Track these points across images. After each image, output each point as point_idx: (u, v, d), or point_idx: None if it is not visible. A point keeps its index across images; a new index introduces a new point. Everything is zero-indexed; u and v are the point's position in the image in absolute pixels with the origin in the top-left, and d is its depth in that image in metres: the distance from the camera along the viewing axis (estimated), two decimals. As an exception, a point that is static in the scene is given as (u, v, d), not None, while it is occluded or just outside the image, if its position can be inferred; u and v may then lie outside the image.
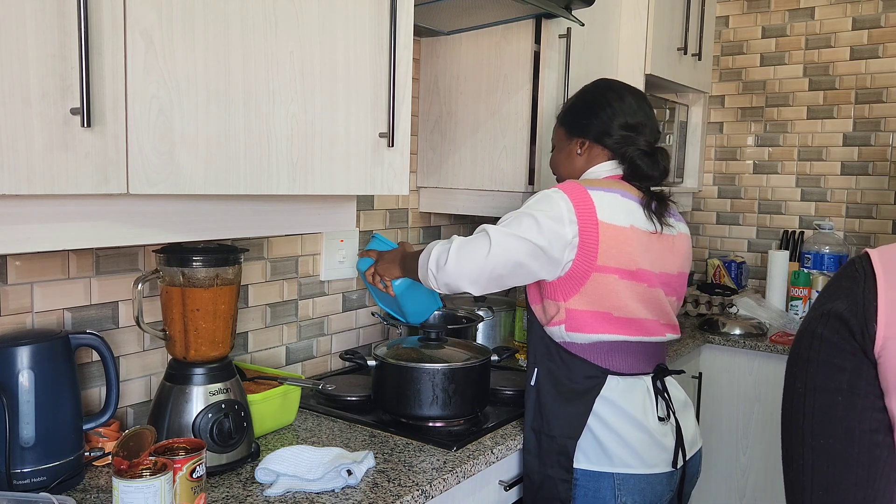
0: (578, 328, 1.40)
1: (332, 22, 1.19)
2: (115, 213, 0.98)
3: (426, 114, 2.11)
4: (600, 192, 1.39)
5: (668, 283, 1.48)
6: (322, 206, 1.32)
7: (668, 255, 1.47)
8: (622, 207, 1.40)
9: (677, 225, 1.52)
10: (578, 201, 1.36)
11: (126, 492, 1.01)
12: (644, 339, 1.45)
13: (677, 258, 1.50)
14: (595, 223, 1.35)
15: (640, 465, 1.41)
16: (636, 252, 1.39)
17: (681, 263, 1.52)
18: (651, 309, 1.45)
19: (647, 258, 1.42)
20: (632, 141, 1.48)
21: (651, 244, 1.43)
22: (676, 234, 1.51)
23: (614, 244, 1.37)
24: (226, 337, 1.31)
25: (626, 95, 1.53)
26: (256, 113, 1.09)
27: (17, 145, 0.83)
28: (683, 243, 1.53)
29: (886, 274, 0.74)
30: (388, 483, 1.25)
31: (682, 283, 1.54)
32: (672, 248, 1.49)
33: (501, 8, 1.75)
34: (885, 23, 2.73)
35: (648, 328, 1.45)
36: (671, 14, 2.38)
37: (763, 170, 2.99)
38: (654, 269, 1.44)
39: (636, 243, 1.40)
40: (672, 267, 1.49)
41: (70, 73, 0.86)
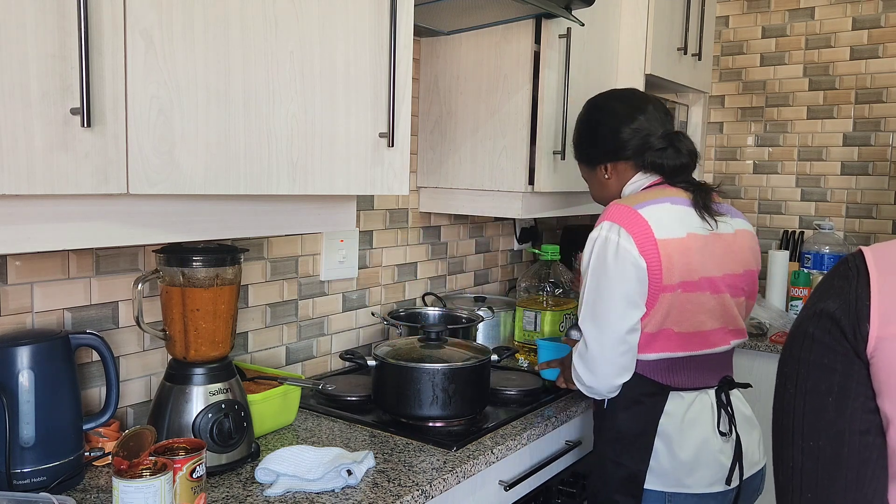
0: (640, 349, 1.39)
1: (332, 22, 1.19)
2: (115, 213, 0.98)
3: (426, 114, 2.11)
4: (650, 206, 1.37)
5: (733, 285, 1.43)
6: (322, 206, 1.32)
7: (728, 254, 1.42)
8: (675, 216, 1.38)
9: (733, 221, 1.47)
10: (633, 228, 1.33)
11: (126, 492, 1.01)
12: (706, 352, 1.42)
13: (740, 255, 1.45)
14: (654, 245, 1.33)
15: (694, 484, 1.39)
16: (697, 260, 1.37)
17: (745, 260, 1.46)
18: (715, 317, 1.41)
19: (709, 263, 1.38)
20: (645, 143, 1.46)
21: (710, 246, 1.40)
22: (734, 231, 1.46)
23: (676, 259, 1.34)
24: (226, 337, 1.31)
25: (613, 104, 1.52)
26: (256, 113, 1.09)
27: (17, 145, 0.83)
28: (745, 239, 1.47)
29: (880, 273, 0.73)
30: (388, 483, 1.25)
31: (750, 281, 1.48)
32: (732, 245, 1.44)
33: (501, 8, 1.75)
34: (885, 23, 2.73)
35: (711, 339, 1.42)
36: (671, 14, 2.38)
37: (763, 170, 2.99)
38: (718, 273, 1.40)
39: (696, 251, 1.37)
40: (735, 266, 1.44)
41: (70, 73, 0.86)
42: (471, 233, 2.41)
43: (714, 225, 1.40)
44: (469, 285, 2.43)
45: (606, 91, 1.60)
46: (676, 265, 1.34)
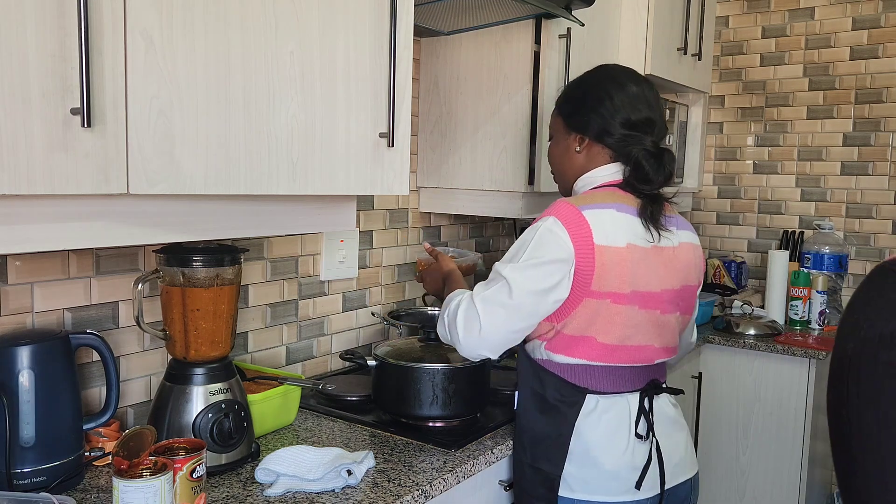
0: (558, 349, 1.33)
1: (333, 22, 1.19)
2: (115, 213, 0.98)
3: (426, 114, 2.11)
4: (595, 210, 1.30)
5: (670, 300, 1.36)
6: (322, 206, 1.32)
7: (669, 269, 1.36)
8: (619, 224, 1.30)
9: (679, 233, 1.40)
10: (574, 228, 1.27)
11: (126, 492, 1.01)
12: (626, 366, 1.35)
13: (679, 270, 1.37)
14: (591, 249, 1.27)
15: (609, 491, 1.32)
16: (631, 273, 1.30)
17: (684, 275, 1.39)
18: (643, 332, 1.34)
19: (645, 277, 1.32)
20: (637, 140, 1.36)
21: (650, 260, 1.33)
22: (678, 244, 1.38)
23: (610, 268, 1.28)
24: (226, 337, 1.31)
25: (629, 85, 1.40)
26: (257, 113, 1.09)
27: (17, 145, 0.83)
28: (686, 253, 1.40)
29: None
30: (388, 483, 1.25)
31: (686, 296, 1.40)
32: (673, 259, 1.36)
33: (501, 8, 1.75)
34: (885, 23, 2.73)
35: (636, 355, 1.35)
36: (671, 14, 2.38)
37: (763, 170, 2.99)
38: (656, 288, 1.33)
39: (632, 263, 1.30)
40: (674, 281, 1.36)
41: (70, 73, 0.86)
42: (471, 233, 2.41)
43: (657, 238, 1.33)
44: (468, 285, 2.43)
45: (627, 68, 1.48)
46: (610, 274, 1.28)
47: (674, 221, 1.40)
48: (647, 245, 1.33)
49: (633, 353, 1.35)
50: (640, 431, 1.35)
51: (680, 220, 1.44)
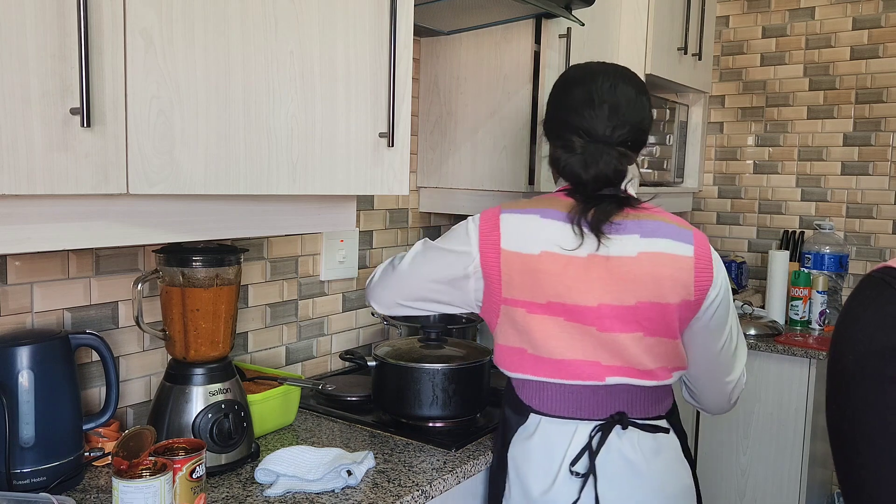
0: (500, 363, 1.29)
1: (332, 22, 1.19)
2: (115, 213, 0.98)
3: (426, 114, 2.11)
4: (516, 215, 1.24)
5: (618, 317, 1.20)
6: (322, 206, 1.32)
7: (612, 281, 1.19)
8: (537, 231, 1.21)
9: (644, 242, 1.20)
10: (486, 230, 1.23)
11: (126, 492, 1.01)
12: (578, 383, 1.23)
13: (632, 284, 1.19)
14: (497, 253, 1.21)
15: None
16: (547, 282, 1.20)
17: (644, 290, 1.19)
18: (577, 347, 1.21)
19: (572, 288, 1.19)
20: (568, 144, 1.23)
21: (579, 270, 1.19)
22: (636, 255, 1.19)
23: (517, 275, 1.20)
24: (226, 337, 1.31)
25: (573, 88, 1.27)
26: (256, 113, 1.09)
27: (17, 145, 0.83)
28: (652, 266, 1.19)
29: None
30: (388, 483, 1.25)
31: (654, 316, 1.20)
32: (621, 272, 1.19)
33: (501, 8, 1.75)
34: (886, 23, 2.72)
35: (574, 370, 1.22)
36: (671, 14, 2.37)
37: (763, 170, 2.99)
38: (587, 301, 1.19)
39: (546, 272, 1.20)
40: (623, 296, 1.19)
41: (70, 73, 0.86)
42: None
43: (593, 245, 1.19)
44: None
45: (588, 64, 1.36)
46: (516, 281, 1.21)
47: (637, 227, 1.21)
48: (572, 254, 1.20)
49: (571, 369, 1.22)
50: (580, 469, 1.22)
51: (656, 226, 1.22)
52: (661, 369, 1.24)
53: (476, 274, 1.24)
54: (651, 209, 1.26)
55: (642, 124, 1.28)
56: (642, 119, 1.27)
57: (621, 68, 1.33)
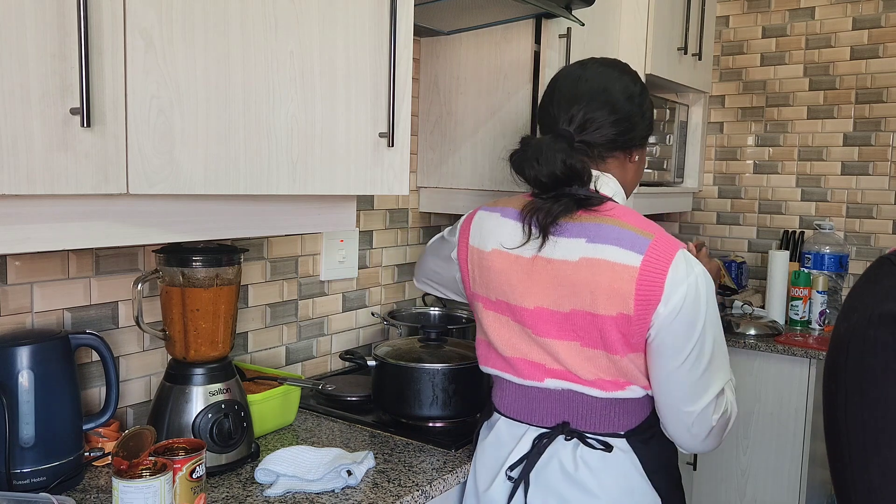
0: (477, 356, 1.32)
1: (332, 22, 1.19)
2: (115, 213, 0.98)
3: (426, 114, 2.11)
4: (486, 212, 1.27)
5: (553, 323, 1.15)
6: (322, 206, 1.32)
7: (550, 285, 1.15)
8: (493, 229, 1.22)
9: (590, 247, 1.12)
10: (465, 225, 1.30)
11: (126, 492, 1.01)
12: (525, 383, 1.21)
13: (569, 290, 1.13)
14: (466, 248, 1.27)
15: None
16: (495, 280, 1.21)
17: (581, 300, 1.12)
18: (519, 347, 1.20)
19: (514, 288, 1.18)
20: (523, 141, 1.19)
21: (521, 271, 1.17)
22: (577, 259, 1.12)
23: (477, 269, 1.24)
24: (225, 337, 1.31)
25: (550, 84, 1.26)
26: (256, 113, 1.09)
27: (16, 145, 0.83)
28: (592, 274, 1.11)
29: None
30: (388, 483, 1.25)
31: (590, 328, 1.12)
32: (560, 277, 1.13)
33: (501, 8, 1.75)
34: (886, 23, 2.72)
35: (517, 368, 1.21)
36: (671, 14, 2.37)
37: (763, 170, 2.99)
38: (525, 303, 1.17)
39: (494, 270, 1.20)
40: (560, 301, 1.14)
41: (70, 73, 0.86)
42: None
43: (538, 247, 1.15)
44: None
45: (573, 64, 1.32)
46: (477, 276, 1.25)
47: (586, 231, 1.13)
48: (518, 253, 1.18)
49: (515, 366, 1.22)
50: (515, 474, 1.21)
51: (607, 231, 1.12)
52: (604, 381, 1.16)
53: (455, 262, 1.32)
54: (613, 211, 1.15)
55: (617, 118, 1.19)
56: (614, 112, 1.19)
57: (604, 61, 1.28)
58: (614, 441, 1.18)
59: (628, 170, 1.27)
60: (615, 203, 1.18)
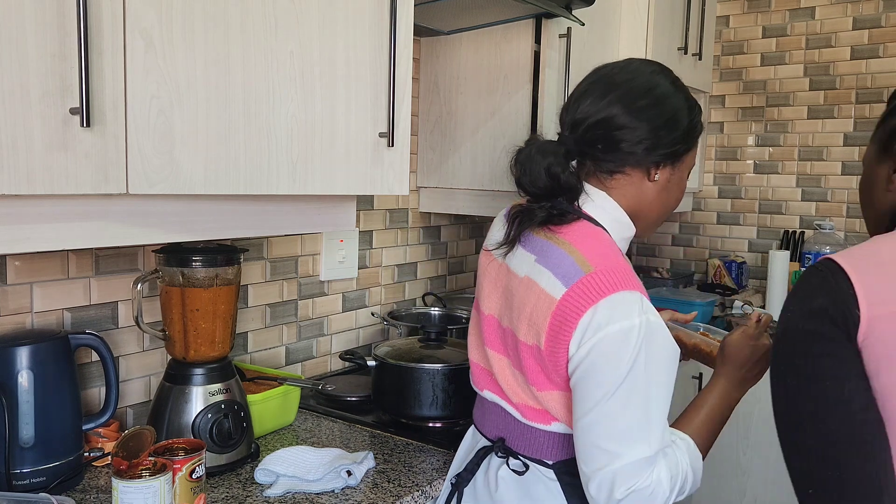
0: None
1: (332, 22, 1.19)
2: (114, 213, 0.98)
3: (426, 114, 2.11)
4: (505, 208, 1.20)
5: (496, 334, 1.11)
6: (322, 206, 1.32)
7: (504, 296, 1.09)
8: (495, 226, 1.20)
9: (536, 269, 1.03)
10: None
11: (125, 492, 1.01)
12: (477, 391, 1.20)
13: (508, 305, 1.07)
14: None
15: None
16: (479, 279, 1.20)
17: (512, 319, 1.06)
18: (478, 351, 1.18)
19: (482, 289, 1.17)
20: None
21: (490, 274, 1.15)
22: (522, 276, 1.05)
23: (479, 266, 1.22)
24: (225, 337, 1.30)
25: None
26: (256, 113, 1.09)
27: (16, 145, 0.82)
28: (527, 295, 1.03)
29: (853, 266, 0.81)
30: (388, 483, 1.25)
31: (512, 345, 1.07)
32: (509, 289, 1.08)
33: (501, 8, 1.75)
34: (886, 23, 2.72)
35: (474, 372, 1.19)
36: (671, 14, 2.37)
37: (763, 170, 2.99)
38: (485, 309, 1.15)
39: (480, 268, 1.20)
40: (503, 315, 1.09)
41: (70, 73, 0.86)
42: (471, 233, 2.41)
43: (504, 251, 1.09)
44: (469, 285, 2.43)
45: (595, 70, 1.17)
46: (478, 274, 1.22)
47: (538, 249, 1.05)
48: (494, 256, 1.14)
49: (477, 374, 1.18)
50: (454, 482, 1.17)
51: (553, 254, 1.02)
52: (529, 408, 1.07)
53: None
54: (572, 234, 1.03)
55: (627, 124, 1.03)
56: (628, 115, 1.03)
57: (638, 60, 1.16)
58: (541, 468, 1.08)
59: (646, 191, 1.08)
60: (590, 225, 1.05)
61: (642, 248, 3.26)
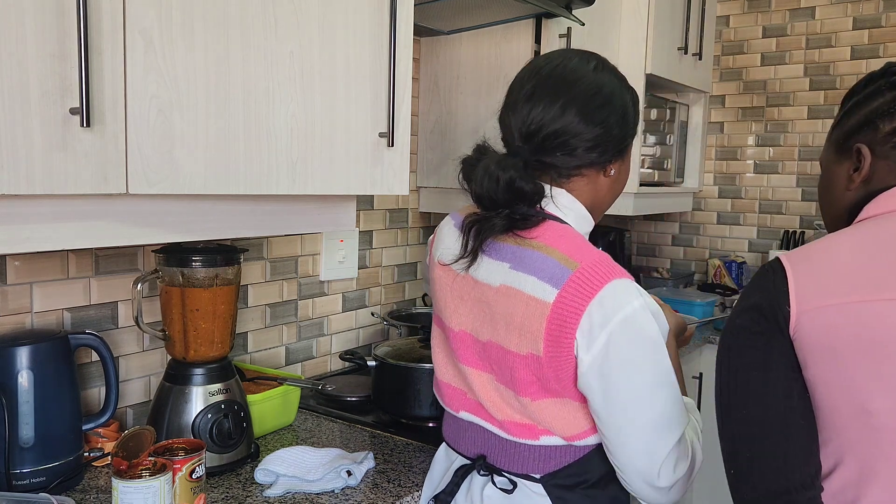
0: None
1: (332, 22, 1.19)
2: (114, 213, 0.98)
3: (426, 114, 2.11)
4: (450, 218, 1.17)
5: (474, 351, 1.06)
6: (322, 206, 1.32)
7: (476, 309, 1.04)
8: (445, 238, 1.13)
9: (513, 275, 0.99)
10: (435, 232, 1.20)
11: (125, 492, 1.01)
12: (449, 411, 1.14)
13: (489, 319, 1.02)
14: (431, 256, 1.18)
15: None
16: (436, 294, 1.13)
17: (496, 331, 1.01)
18: (448, 371, 1.13)
19: (446, 306, 1.10)
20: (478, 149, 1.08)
21: (451, 287, 1.08)
22: (497, 286, 1.00)
23: (432, 281, 1.15)
24: (225, 337, 1.30)
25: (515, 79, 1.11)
26: (256, 113, 1.09)
27: (16, 145, 0.82)
28: (508, 304, 0.99)
29: (792, 266, 0.87)
30: (388, 483, 1.25)
31: (502, 362, 1.02)
32: (483, 302, 1.03)
33: (501, 8, 1.75)
34: (886, 22, 2.72)
35: (444, 394, 1.14)
36: (671, 14, 2.37)
37: (763, 170, 2.99)
38: (452, 324, 1.08)
39: (438, 283, 1.12)
40: (477, 327, 1.04)
41: (69, 73, 0.86)
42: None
43: (465, 262, 1.03)
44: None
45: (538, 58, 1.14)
46: (431, 288, 1.15)
47: (511, 255, 1.01)
48: (454, 268, 1.07)
49: (442, 392, 1.14)
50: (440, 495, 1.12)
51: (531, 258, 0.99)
52: (515, 424, 1.04)
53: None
54: (545, 235, 1.00)
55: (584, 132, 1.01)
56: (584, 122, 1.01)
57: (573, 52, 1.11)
58: (528, 483, 1.05)
59: (601, 186, 1.08)
60: (557, 224, 1.02)
61: (642, 248, 3.26)
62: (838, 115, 1.02)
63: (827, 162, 1.03)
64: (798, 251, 0.91)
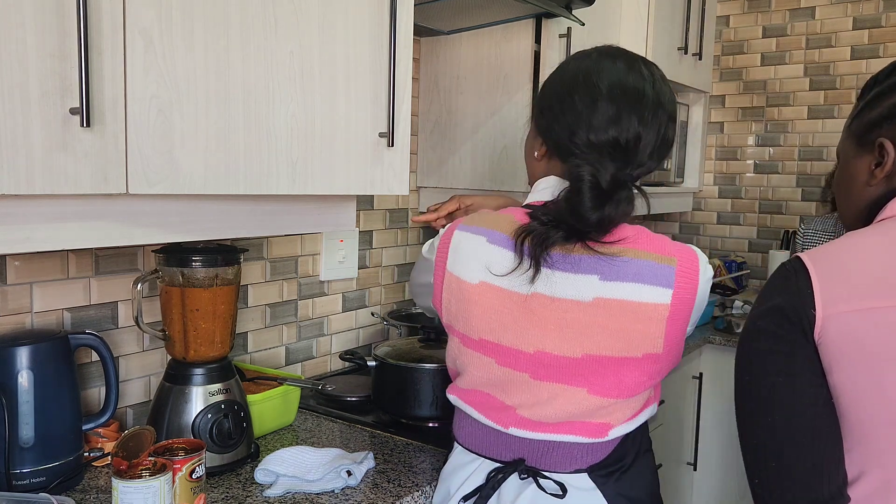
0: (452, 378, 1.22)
1: (332, 22, 1.19)
2: (114, 213, 0.98)
3: (426, 114, 2.11)
4: (470, 233, 1.08)
5: (558, 367, 1.03)
6: (322, 206, 1.32)
7: (559, 327, 1.01)
8: (481, 257, 1.05)
9: (585, 284, 1.00)
10: (443, 245, 1.10)
11: (125, 492, 1.01)
12: (484, 422, 1.11)
13: (581, 334, 1.00)
14: (443, 272, 1.09)
15: None
16: (481, 317, 1.05)
17: (597, 343, 1.00)
18: (499, 391, 1.08)
19: (507, 328, 1.04)
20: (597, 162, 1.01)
21: (516, 309, 1.03)
22: (591, 300, 0.99)
23: (455, 301, 1.07)
24: (225, 337, 1.30)
25: (600, 100, 1.04)
26: (256, 113, 1.09)
27: (16, 145, 0.82)
28: (595, 315, 0.99)
29: (816, 266, 0.83)
30: (388, 484, 1.25)
31: (604, 371, 1.02)
32: (564, 317, 1.01)
33: (501, 8, 1.75)
34: (886, 22, 2.72)
35: (491, 413, 1.10)
36: (671, 14, 2.37)
37: (764, 170, 2.99)
38: (522, 346, 1.03)
39: (482, 305, 1.04)
40: (569, 346, 1.01)
41: (69, 73, 0.86)
42: (471, 233, 2.41)
43: (538, 282, 1.00)
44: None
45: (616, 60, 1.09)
46: (454, 309, 1.08)
47: (598, 266, 1.00)
48: (511, 288, 1.03)
49: (488, 410, 1.10)
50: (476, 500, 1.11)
51: (624, 265, 1.00)
52: (587, 425, 1.05)
53: (431, 288, 1.14)
54: (627, 239, 1.01)
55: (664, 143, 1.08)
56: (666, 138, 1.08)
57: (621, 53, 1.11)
58: (574, 478, 1.06)
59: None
60: (626, 224, 1.03)
61: (642, 248, 3.26)
62: (857, 104, 0.96)
63: (846, 154, 0.97)
64: (819, 251, 0.86)
